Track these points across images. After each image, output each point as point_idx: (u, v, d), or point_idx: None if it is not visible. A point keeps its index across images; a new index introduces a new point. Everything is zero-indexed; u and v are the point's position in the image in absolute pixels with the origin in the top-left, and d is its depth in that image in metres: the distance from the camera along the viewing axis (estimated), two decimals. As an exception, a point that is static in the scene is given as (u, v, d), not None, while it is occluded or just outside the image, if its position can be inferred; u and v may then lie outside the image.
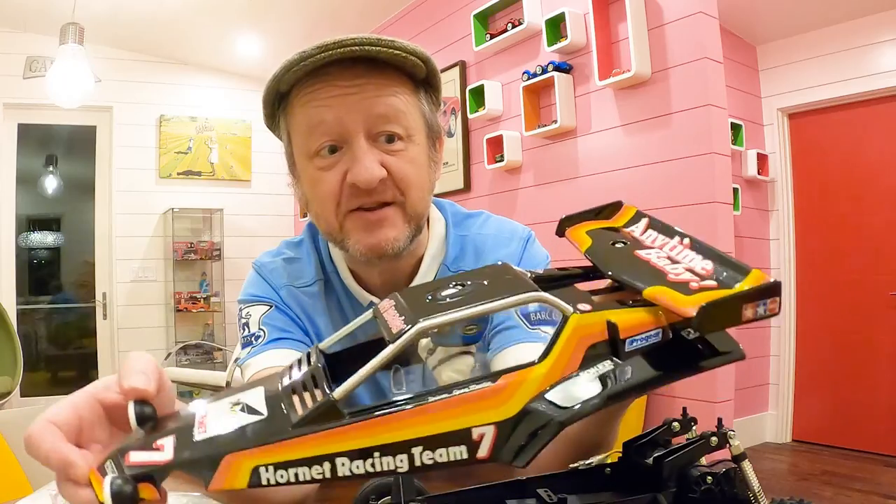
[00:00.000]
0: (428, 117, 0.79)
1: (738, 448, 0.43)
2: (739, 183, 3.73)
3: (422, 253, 0.84)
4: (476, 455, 0.30)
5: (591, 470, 0.47)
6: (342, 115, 0.71)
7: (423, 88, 0.78)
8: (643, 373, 0.31)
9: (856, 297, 3.67)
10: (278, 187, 5.42)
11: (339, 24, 4.26)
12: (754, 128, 3.96)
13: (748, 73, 3.96)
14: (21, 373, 3.72)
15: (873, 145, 3.61)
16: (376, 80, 0.72)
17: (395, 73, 0.73)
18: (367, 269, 0.82)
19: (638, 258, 0.35)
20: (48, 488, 0.54)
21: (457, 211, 0.90)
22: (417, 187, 0.75)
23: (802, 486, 3.08)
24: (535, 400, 0.30)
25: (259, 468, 0.30)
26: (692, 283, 0.31)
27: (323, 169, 0.73)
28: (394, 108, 0.72)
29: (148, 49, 4.82)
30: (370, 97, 0.71)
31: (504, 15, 3.45)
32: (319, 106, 0.72)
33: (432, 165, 0.80)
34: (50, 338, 4.97)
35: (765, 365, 3.99)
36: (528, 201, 3.37)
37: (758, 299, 0.29)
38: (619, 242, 0.38)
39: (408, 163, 0.74)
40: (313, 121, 0.72)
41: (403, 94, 0.74)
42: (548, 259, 0.88)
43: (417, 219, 0.77)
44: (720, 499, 0.43)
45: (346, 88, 0.71)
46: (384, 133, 0.72)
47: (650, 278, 0.32)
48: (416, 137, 0.76)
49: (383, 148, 0.73)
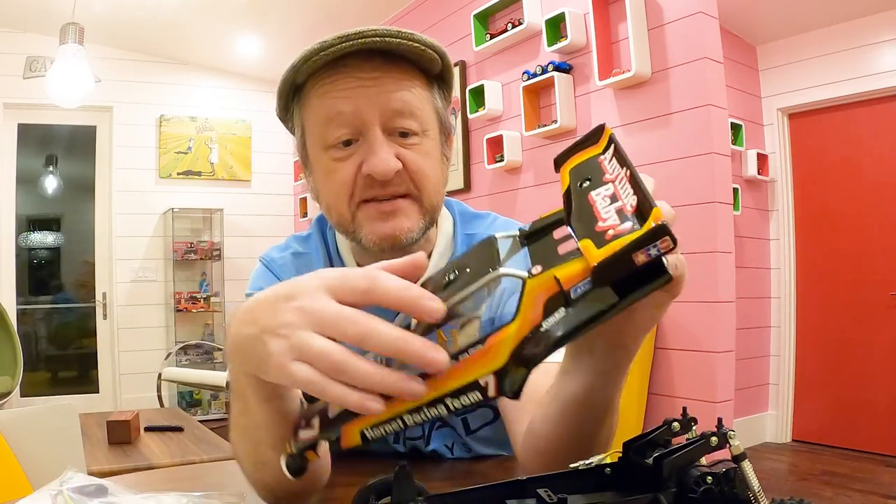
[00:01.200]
0: (440, 113, 0.79)
1: (738, 448, 0.43)
2: (739, 183, 3.73)
3: (430, 250, 0.84)
4: (488, 395, 0.38)
5: (591, 470, 0.47)
6: (360, 108, 0.71)
7: (436, 83, 0.78)
8: (588, 311, 0.36)
9: (856, 297, 3.67)
10: (278, 187, 5.43)
11: (339, 24, 4.24)
12: (754, 128, 3.96)
13: (748, 73, 3.96)
14: (21, 373, 3.72)
15: (873, 145, 3.61)
16: (393, 74, 0.72)
17: (411, 66, 0.74)
18: (374, 262, 0.82)
19: (588, 202, 0.39)
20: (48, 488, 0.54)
21: (464, 210, 0.91)
22: (433, 180, 0.75)
23: (802, 486, 3.08)
24: (515, 349, 0.37)
25: (364, 431, 0.42)
26: (609, 233, 0.35)
27: (338, 160, 0.73)
28: (409, 104, 0.73)
29: (148, 49, 4.83)
30: (387, 91, 0.71)
31: (504, 15, 3.46)
32: (337, 97, 0.72)
33: (444, 160, 0.80)
34: (50, 338, 4.97)
35: (765, 365, 3.99)
36: (528, 201, 3.37)
37: (648, 244, 0.33)
38: (586, 181, 0.41)
39: (423, 156, 0.74)
40: (331, 112, 0.72)
41: (418, 88, 0.74)
42: None
43: (432, 211, 0.77)
44: (720, 499, 0.43)
45: (363, 80, 0.71)
46: (400, 129, 0.73)
47: (585, 229, 0.37)
48: (430, 132, 0.76)
49: (398, 142, 0.73)
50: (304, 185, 4.56)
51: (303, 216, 5.16)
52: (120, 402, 4.69)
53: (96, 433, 2.37)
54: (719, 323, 2.59)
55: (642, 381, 2.74)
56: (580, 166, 0.44)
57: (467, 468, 0.83)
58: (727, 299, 2.61)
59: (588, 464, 0.47)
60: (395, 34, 0.69)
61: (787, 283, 3.95)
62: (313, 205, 5.02)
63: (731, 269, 2.64)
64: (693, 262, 2.66)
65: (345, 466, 0.66)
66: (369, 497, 0.46)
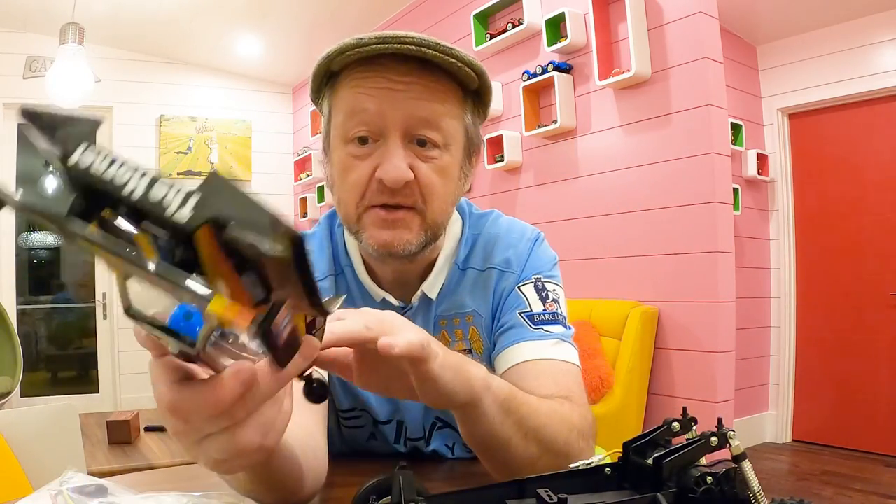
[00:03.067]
0: (470, 130, 0.78)
1: (738, 448, 0.44)
2: (739, 183, 3.73)
3: (437, 255, 0.84)
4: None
5: (591, 470, 0.47)
6: (385, 109, 0.71)
7: (471, 99, 0.78)
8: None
9: (856, 297, 3.67)
10: (278, 187, 5.43)
11: (339, 24, 4.27)
12: (754, 128, 3.96)
13: (748, 73, 3.96)
14: (21, 373, 3.72)
15: (873, 145, 3.61)
16: (426, 83, 0.72)
17: (447, 79, 0.73)
18: (381, 265, 0.83)
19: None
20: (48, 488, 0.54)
21: (472, 211, 0.91)
22: (440, 198, 0.75)
23: (802, 486, 3.08)
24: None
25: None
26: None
27: (355, 157, 0.74)
28: (436, 114, 0.72)
29: (148, 49, 4.82)
30: (416, 98, 0.71)
31: (504, 15, 3.45)
32: (365, 94, 0.72)
33: (462, 178, 0.80)
34: (50, 338, 4.97)
35: (765, 365, 3.99)
36: (528, 201, 3.37)
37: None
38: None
39: (436, 172, 0.74)
40: (356, 107, 0.72)
41: (450, 102, 0.74)
42: (555, 260, 0.89)
43: (434, 228, 0.76)
44: (720, 499, 0.43)
45: (395, 83, 0.71)
46: (420, 136, 0.72)
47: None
48: (453, 148, 0.76)
49: (416, 151, 0.73)
50: (305, 186, 4.52)
51: (303, 216, 5.16)
52: (120, 402, 4.68)
53: (96, 433, 2.36)
54: (719, 323, 2.59)
55: (642, 381, 2.74)
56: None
57: (468, 468, 0.83)
58: (727, 299, 2.61)
59: (588, 464, 0.47)
60: (432, 45, 0.69)
61: (787, 283, 3.95)
62: (313, 205, 5.02)
63: (731, 269, 2.64)
64: (693, 262, 2.66)
65: (345, 466, 0.66)
66: (369, 497, 0.46)
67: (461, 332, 0.84)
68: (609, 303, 2.90)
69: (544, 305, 0.82)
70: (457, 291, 0.84)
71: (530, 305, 0.81)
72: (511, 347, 0.79)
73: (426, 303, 0.84)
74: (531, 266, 0.85)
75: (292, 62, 5.04)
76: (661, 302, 2.78)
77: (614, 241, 2.96)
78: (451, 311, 0.84)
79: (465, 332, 0.84)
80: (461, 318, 0.84)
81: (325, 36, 4.56)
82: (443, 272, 0.84)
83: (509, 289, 0.83)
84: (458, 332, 0.84)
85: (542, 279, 0.84)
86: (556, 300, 0.84)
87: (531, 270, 0.85)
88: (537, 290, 0.83)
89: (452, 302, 0.84)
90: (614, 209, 2.95)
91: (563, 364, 0.78)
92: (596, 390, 2.63)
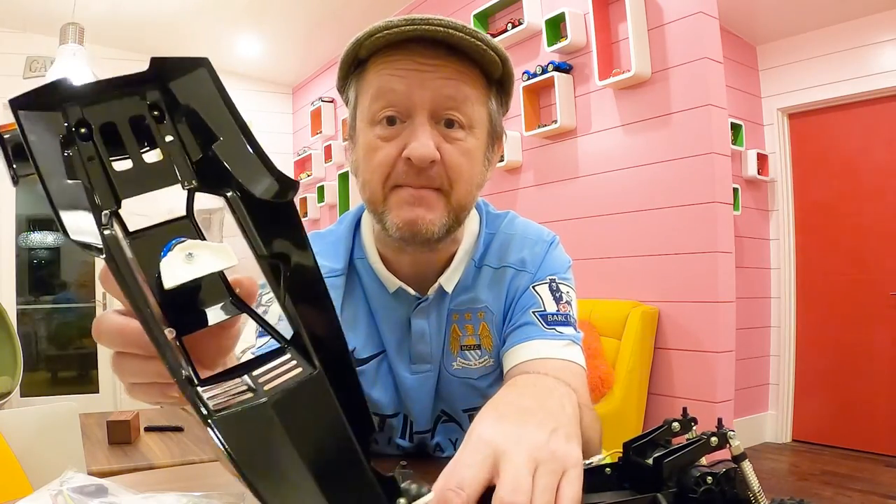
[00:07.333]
0: (493, 116, 0.79)
1: (738, 448, 0.44)
2: (739, 183, 3.73)
3: (455, 249, 0.85)
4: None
5: (591, 470, 0.47)
6: (412, 89, 0.72)
7: (495, 87, 0.79)
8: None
9: (856, 297, 3.67)
10: (278, 187, 5.42)
11: (339, 24, 4.27)
12: (754, 128, 3.96)
13: (748, 73, 3.96)
14: (21, 373, 3.72)
15: (873, 145, 3.61)
16: (453, 65, 0.73)
17: (473, 65, 0.74)
18: (400, 255, 0.83)
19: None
20: (48, 488, 0.54)
21: (489, 210, 0.92)
22: (466, 180, 0.76)
23: (802, 486, 3.08)
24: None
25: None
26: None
27: (382, 138, 0.74)
28: (463, 94, 0.73)
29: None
30: (443, 78, 0.72)
31: (504, 15, 3.45)
32: (393, 75, 0.73)
33: (486, 164, 0.81)
34: (50, 338, 4.96)
35: (765, 365, 3.99)
36: (528, 201, 3.37)
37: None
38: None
39: (462, 154, 0.74)
40: (384, 87, 0.73)
41: (475, 86, 0.75)
42: (569, 264, 0.90)
43: (459, 210, 0.77)
44: (720, 499, 0.43)
45: (422, 64, 0.72)
46: (447, 117, 0.73)
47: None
48: (478, 131, 0.76)
49: (443, 132, 0.74)
50: (305, 186, 4.51)
51: (303, 216, 5.16)
52: (120, 402, 4.68)
53: (96, 433, 2.36)
54: (719, 323, 2.59)
55: (642, 381, 2.74)
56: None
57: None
58: (727, 299, 2.61)
59: (588, 464, 0.47)
60: (460, 28, 0.70)
61: (787, 283, 3.95)
62: (313, 205, 5.02)
63: (731, 269, 2.64)
64: (693, 261, 2.65)
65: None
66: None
67: (472, 326, 0.85)
68: (609, 303, 2.90)
69: (558, 306, 0.83)
70: (472, 287, 0.85)
71: (544, 305, 0.82)
72: (523, 344, 0.80)
73: (441, 295, 0.84)
74: (546, 267, 0.86)
75: (292, 62, 5.04)
76: (661, 302, 2.79)
77: (614, 241, 2.96)
78: (464, 305, 0.85)
79: (475, 327, 0.85)
80: (473, 314, 0.85)
81: (325, 36, 4.56)
82: (460, 267, 0.85)
83: (523, 288, 0.84)
84: (469, 326, 0.85)
85: (557, 281, 0.85)
86: (570, 303, 0.85)
87: (546, 271, 0.86)
88: (552, 291, 0.84)
89: (467, 297, 0.85)
90: (614, 209, 2.95)
91: (573, 365, 0.79)
92: (596, 390, 2.63)
